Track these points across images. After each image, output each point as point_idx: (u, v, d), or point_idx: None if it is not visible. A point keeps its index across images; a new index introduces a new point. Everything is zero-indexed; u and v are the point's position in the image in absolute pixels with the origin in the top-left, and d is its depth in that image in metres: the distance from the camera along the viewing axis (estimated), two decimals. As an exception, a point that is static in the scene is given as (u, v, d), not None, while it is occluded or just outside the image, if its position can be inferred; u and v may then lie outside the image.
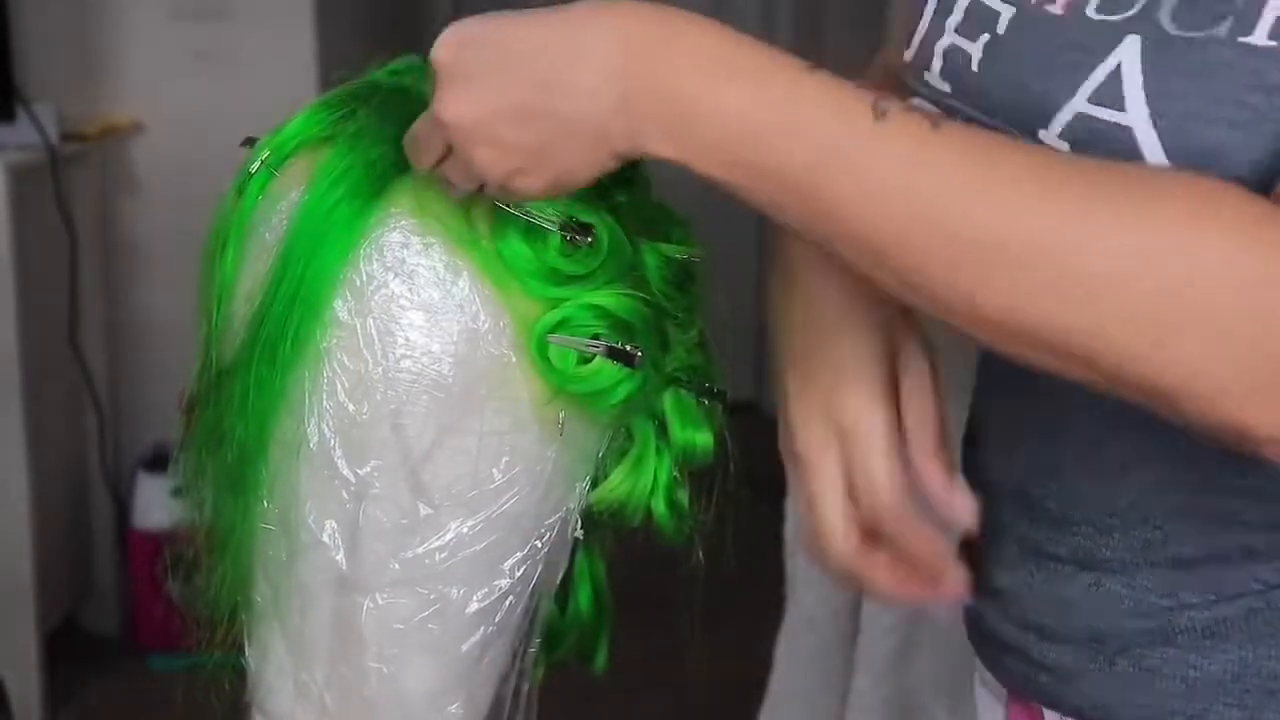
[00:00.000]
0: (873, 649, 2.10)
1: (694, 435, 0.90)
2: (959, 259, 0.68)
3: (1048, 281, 0.67)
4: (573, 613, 0.98)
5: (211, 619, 0.92)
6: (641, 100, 0.72)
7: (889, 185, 0.69)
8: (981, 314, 0.69)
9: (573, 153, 0.76)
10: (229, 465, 0.88)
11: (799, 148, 0.70)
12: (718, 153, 0.72)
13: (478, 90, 0.76)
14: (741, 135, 0.71)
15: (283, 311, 0.85)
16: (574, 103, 0.74)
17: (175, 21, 3.20)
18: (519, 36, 0.76)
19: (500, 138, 0.76)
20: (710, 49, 0.72)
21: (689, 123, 0.72)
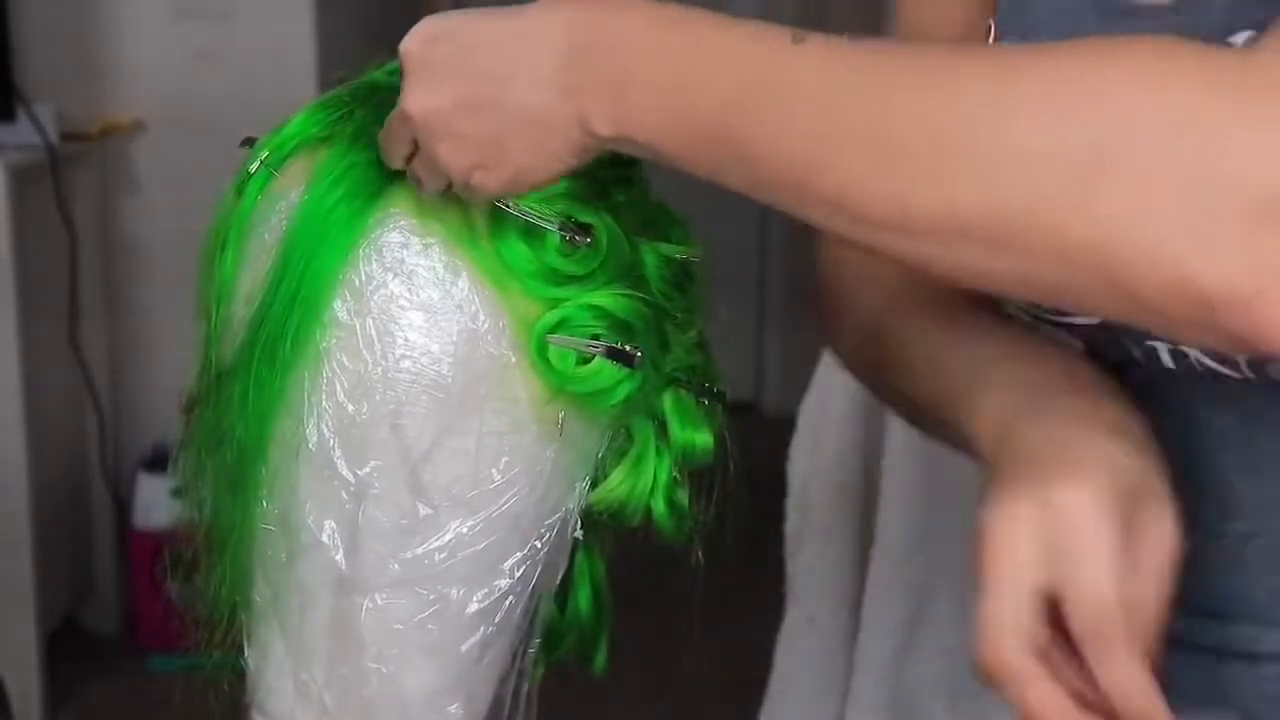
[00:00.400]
0: (873, 649, 2.10)
1: (694, 435, 0.90)
2: (879, 164, 0.66)
3: (964, 164, 0.64)
4: (572, 613, 0.98)
5: (211, 619, 0.92)
6: (584, 81, 0.74)
7: (804, 105, 0.68)
8: (915, 219, 0.66)
9: (526, 146, 0.77)
10: (228, 466, 0.88)
11: (720, 89, 0.70)
12: (650, 116, 0.72)
13: (438, 82, 0.78)
14: (668, 92, 0.72)
15: (282, 312, 0.85)
16: (524, 94, 0.75)
17: (175, 21, 3.20)
18: (478, 30, 0.77)
19: (457, 130, 0.78)
20: (643, 20, 0.74)
21: (623, 89, 0.73)
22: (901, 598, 2.08)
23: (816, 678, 2.18)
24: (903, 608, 2.08)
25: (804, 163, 0.69)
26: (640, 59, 0.73)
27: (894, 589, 2.08)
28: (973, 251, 0.65)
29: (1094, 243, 0.61)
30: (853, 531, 2.16)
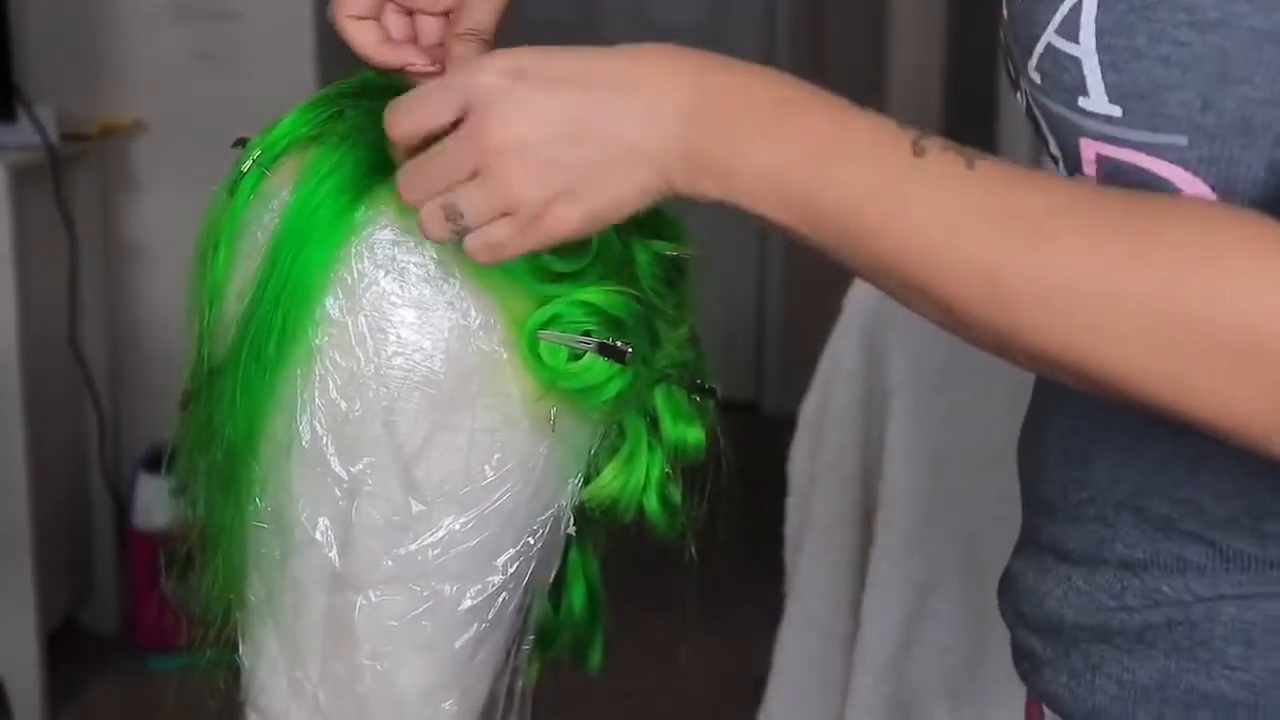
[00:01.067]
0: (873, 649, 2.10)
1: (685, 431, 0.90)
2: (993, 298, 0.69)
3: (1080, 320, 0.68)
4: (566, 610, 0.98)
5: (206, 618, 0.92)
6: (700, 140, 0.74)
7: (923, 226, 0.71)
8: (1016, 348, 0.71)
9: (620, 185, 0.76)
10: (221, 464, 0.88)
11: (841, 188, 0.72)
12: (764, 191, 0.73)
13: (531, 112, 0.76)
14: (788, 177, 0.73)
15: (269, 309, 0.85)
16: (636, 128, 0.75)
17: (176, 21, 3.20)
18: (575, 66, 0.76)
19: (550, 157, 0.76)
20: (769, 95, 0.74)
21: (742, 166, 0.74)
22: (901, 598, 2.08)
23: (816, 678, 2.18)
24: (903, 608, 2.09)
25: (917, 279, 0.72)
26: (760, 142, 0.73)
27: (894, 589, 2.08)
28: (1078, 381, 0.71)
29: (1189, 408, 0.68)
30: (853, 531, 2.16)
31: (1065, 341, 0.69)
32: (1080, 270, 0.68)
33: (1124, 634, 0.82)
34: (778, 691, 2.19)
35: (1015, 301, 0.69)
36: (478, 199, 0.77)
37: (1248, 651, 0.79)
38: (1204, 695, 0.80)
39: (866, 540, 2.13)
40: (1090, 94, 0.74)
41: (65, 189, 2.94)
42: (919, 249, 0.71)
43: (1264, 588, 0.78)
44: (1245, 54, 0.70)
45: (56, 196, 2.92)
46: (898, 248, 0.71)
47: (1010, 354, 0.72)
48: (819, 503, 2.16)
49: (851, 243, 0.73)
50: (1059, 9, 0.75)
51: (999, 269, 0.69)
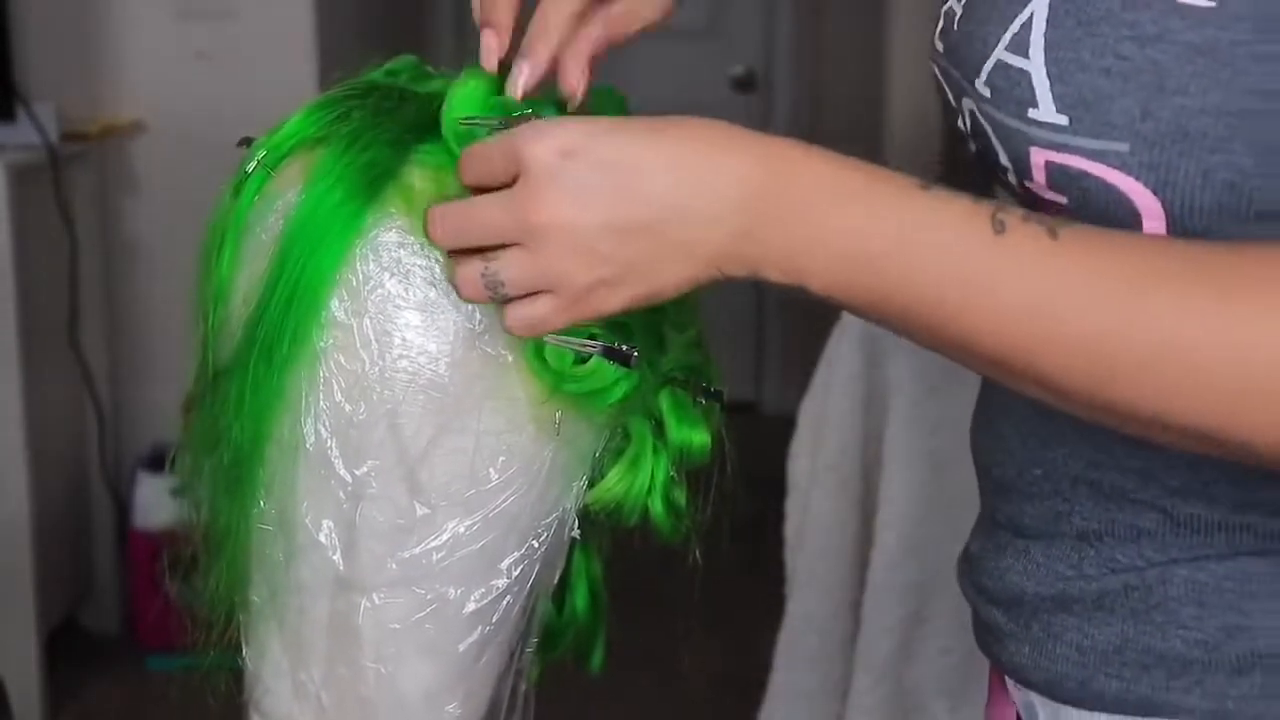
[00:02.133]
0: (873, 649, 2.10)
1: (691, 435, 0.90)
2: (1091, 372, 0.70)
3: (1178, 384, 0.69)
4: (569, 612, 0.98)
5: (209, 619, 0.92)
6: (762, 231, 0.74)
7: (1013, 306, 0.71)
8: (1121, 416, 0.72)
9: (673, 276, 0.76)
10: (226, 466, 0.88)
11: (918, 273, 0.72)
12: (837, 279, 0.74)
13: (582, 200, 0.75)
14: (859, 263, 0.73)
15: (280, 313, 0.85)
16: (692, 230, 0.74)
17: (176, 21, 3.20)
18: (630, 152, 0.75)
19: (597, 249, 0.75)
20: (827, 178, 0.74)
21: (809, 253, 0.73)
22: (901, 598, 2.08)
23: (816, 678, 2.18)
24: (902, 608, 2.09)
25: (1008, 361, 0.72)
26: (822, 229, 0.73)
27: (894, 589, 2.08)
28: (1185, 443, 0.72)
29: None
30: (853, 531, 2.16)
31: (1182, 411, 0.69)
32: (1191, 344, 0.68)
33: (1082, 601, 0.85)
34: (778, 691, 2.20)
35: (1118, 377, 0.70)
36: (520, 271, 0.77)
37: (1200, 611, 0.81)
38: (1160, 655, 0.82)
39: (866, 540, 2.14)
40: (1040, 105, 0.77)
41: (65, 189, 2.94)
42: (1008, 335, 0.71)
43: (1213, 549, 0.81)
44: (1180, 66, 0.73)
45: (56, 196, 2.92)
46: (985, 335, 0.72)
47: (1112, 423, 0.73)
48: (819, 503, 2.17)
49: (936, 334, 0.73)
50: (1010, 27, 0.79)
51: (1097, 347, 0.70)
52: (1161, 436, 0.72)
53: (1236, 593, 0.81)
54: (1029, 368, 0.72)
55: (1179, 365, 0.69)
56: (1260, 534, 0.80)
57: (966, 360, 0.75)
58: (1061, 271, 0.71)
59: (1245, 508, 0.80)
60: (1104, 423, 0.73)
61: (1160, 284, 0.70)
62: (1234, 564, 0.81)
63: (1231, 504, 0.80)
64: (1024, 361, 0.72)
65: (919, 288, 0.72)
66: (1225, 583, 0.81)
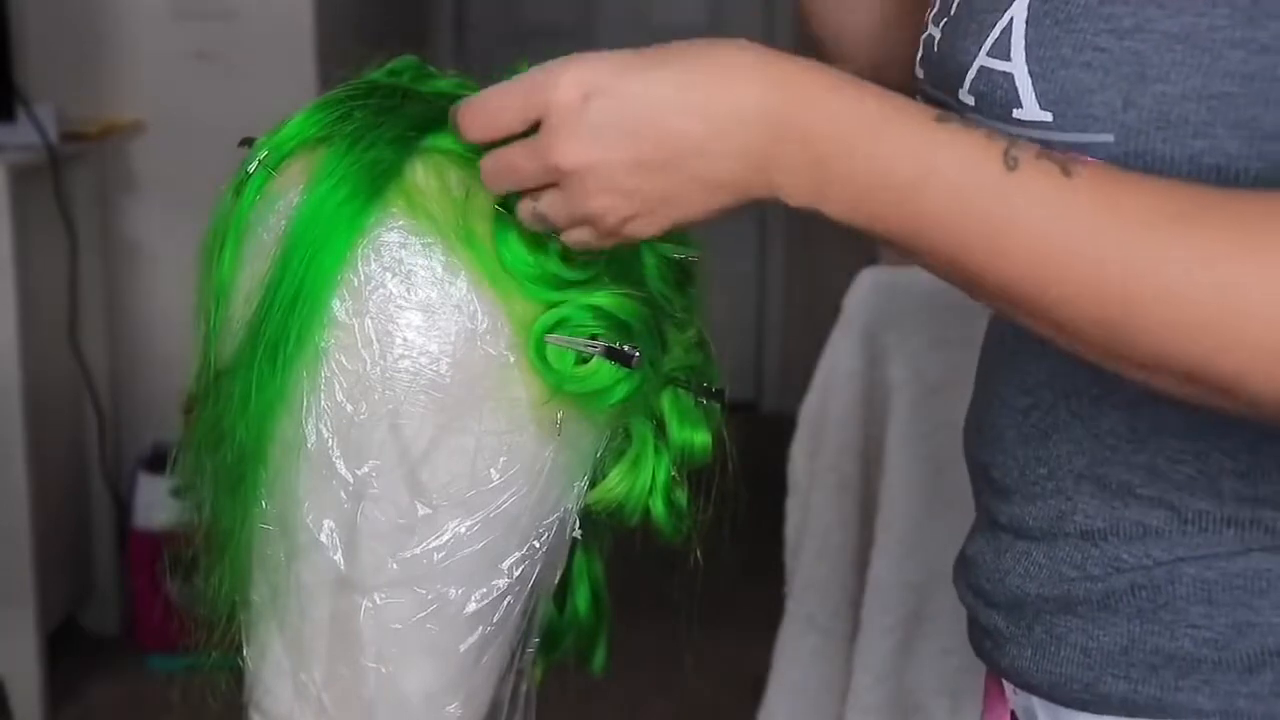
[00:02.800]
0: (873, 649, 2.10)
1: (692, 435, 0.90)
2: (1104, 309, 0.70)
3: (1187, 322, 0.68)
4: (571, 613, 0.98)
5: (210, 619, 0.92)
6: (782, 157, 0.74)
7: (1023, 238, 0.71)
8: (1133, 357, 0.71)
9: (697, 204, 0.77)
10: (228, 465, 0.88)
11: (933, 202, 0.72)
12: (856, 206, 0.74)
13: (605, 139, 0.76)
14: (877, 190, 0.73)
15: (284, 313, 0.85)
16: (713, 162, 0.75)
17: (176, 21, 3.20)
18: (651, 88, 0.76)
19: (624, 186, 0.77)
20: (846, 112, 0.74)
21: (826, 180, 0.74)
22: (901, 598, 2.09)
23: (816, 678, 2.18)
24: (902, 608, 2.09)
25: (1020, 296, 0.72)
26: (845, 157, 0.74)
27: (894, 589, 2.08)
28: (1191, 390, 0.71)
29: None
30: (853, 531, 2.16)
31: (1191, 352, 0.69)
32: (1205, 285, 0.68)
33: (1087, 603, 0.85)
34: (778, 691, 2.20)
35: (1132, 315, 0.69)
36: (559, 211, 0.79)
37: (1210, 609, 0.81)
38: (1169, 655, 0.82)
39: (866, 540, 2.14)
40: (1024, 104, 0.77)
41: (65, 189, 2.94)
42: (1020, 269, 0.71)
43: (1221, 547, 0.81)
44: (1159, 55, 0.74)
45: (56, 196, 2.92)
46: (999, 269, 0.72)
47: (1122, 367, 0.72)
48: (819, 503, 2.17)
49: (950, 264, 0.73)
50: (990, 34, 0.80)
51: (1110, 285, 0.69)
52: (1170, 383, 0.71)
53: (1247, 590, 0.80)
54: (1041, 305, 0.72)
55: (1192, 305, 0.68)
56: (1270, 529, 0.80)
57: (980, 294, 0.74)
58: (1074, 208, 0.70)
59: (1254, 503, 0.80)
60: (1112, 366, 0.73)
61: (1174, 223, 0.69)
62: (1244, 560, 0.80)
63: (1240, 499, 0.80)
64: (1036, 298, 0.72)
65: (931, 222, 0.73)
66: (1235, 580, 0.81)
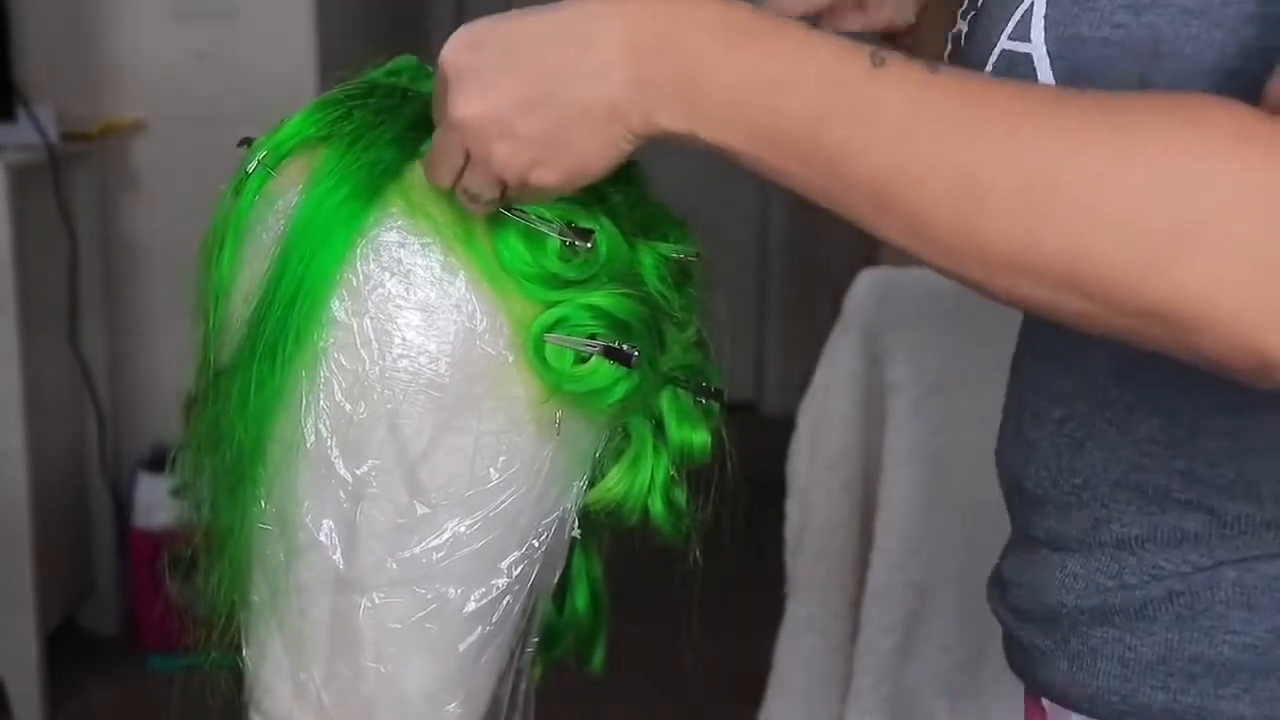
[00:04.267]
0: (873, 649, 2.10)
1: (691, 434, 0.90)
2: (962, 199, 0.68)
3: (1054, 213, 0.66)
4: (570, 612, 0.98)
5: (209, 619, 0.92)
6: (652, 73, 0.73)
7: (890, 131, 0.69)
8: (988, 254, 0.69)
9: (586, 137, 0.76)
10: (227, 465, 0.88)
11: (800, 102, 0.71)
12: (725, 117, 0.72)
13: (487, 85, 0.77)
14: (745, 96, 0.72)
15: (283, 312, 0.85)
16: (584, 85, 0.74)
17: (176, 21, 3.20)
18: (525, 29, 0.76)
19: (514, 129, 0.77)
20: (714, 18, 0.73)
21: (697, 89, 0.73)
22: (901, 598, 2.08)
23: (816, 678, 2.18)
24: (902, 608, 2.09)
25: (882, 191, 0.70)
26: (712, 65, 0.72)
27: (894, 589, 2.08)
28: (1046, 292, 0.68)
29: (1171, 305, 0.66)
30: (853, 531, 2.16)
31: (1047, 243, 0.67)
32: (1065, 169, 0.66)
33: (1124, 613, 0.83)
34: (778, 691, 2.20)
35: (989, 206, 0.67)
36: (478, 179, 0.80)
37: (1249, 615, 0.80)
38: (1208, 663, 0.81)
39: (866, 541, 2.13)
40: (1039, 82, 0.77)
41: (65, 189, 2.94)
42: (883, 160, 0.69)
43: (1261, 549, 0.80)
44: (1175, 30, 0.74)
45: (56, 196, 2.92)
46: (863, 163, 0.70)
47: (976, 269, 0.70)
48: (819, 503, 2.17)
49: (817, 166, 0.71)
50: (1012, 17, 0.80)
51: (970, 172, 0.68)
52: (1021, 284, 0.69)
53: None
54: (899, 198, 0.69)
55: (1044, 197, 0.66)
56: None
57: (849, 198, 0.72)
58: (935, 101, 0.69)
59: None
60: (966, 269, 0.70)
61: (1032, 117, 0.68)
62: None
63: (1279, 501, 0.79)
64: (895, 191, 0.69)
65: (801, 121, 0.71)
66: (1275, 583, 0.79)
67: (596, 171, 0.78)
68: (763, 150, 0.72)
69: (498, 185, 0.80)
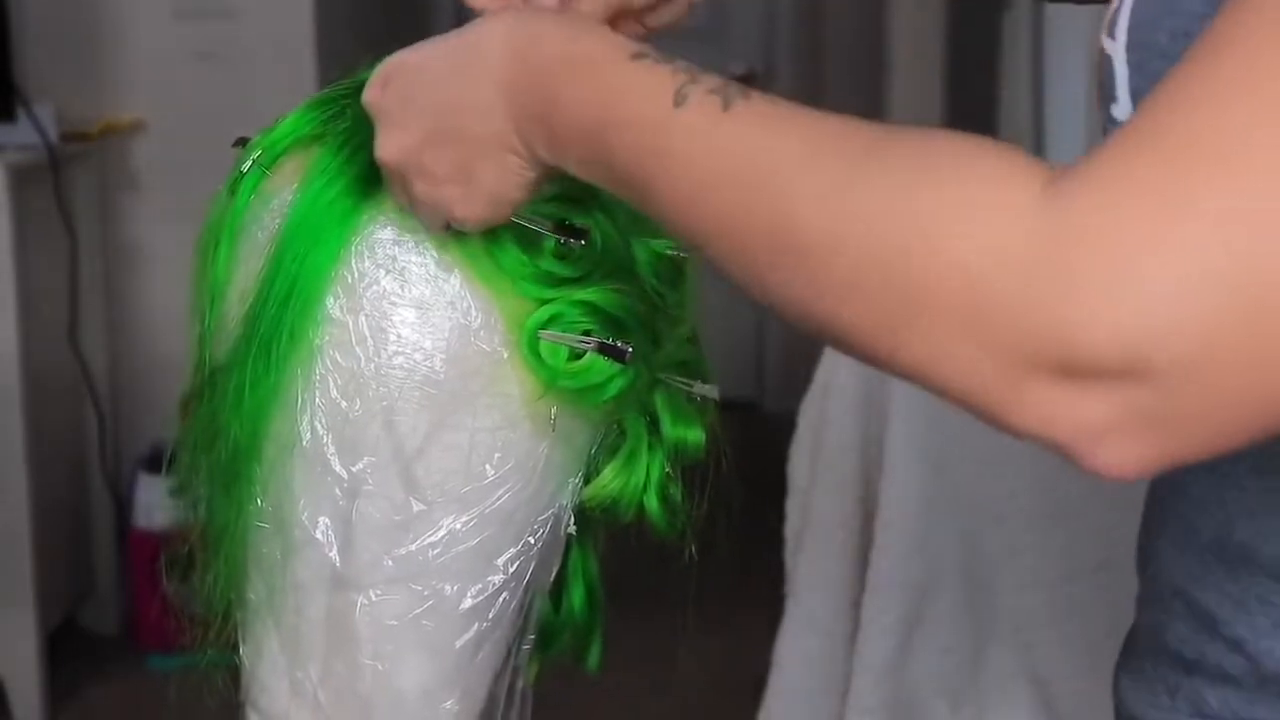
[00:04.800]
0: (873, 649, 2.10)
1: (685, 431, 0.90)
2: (735, 245, 0.64)
3: (800, 273, 0.62)
4: (566, 610, 0.98)
5: (207, 618, 0.92)
6: (524, 109, 0.73)
7: (680, 175, 0.66)
8: (775, 306, 0.65)
9: (492, 170, 0.76)
10: (223, 463, 0.88)
11: (619, 141, 0.69)
12: (577, 152, 0.72)
13: (402, 124, 0.78)
14: (581, 135, 0.71)
15: (277, 310, 0.85)
16: (477, 121, 0.75)
17: (176, 21, 3.20)
18: (429, 64, 0.77)
19: (426, 168, 0.78)
20: (558, 51, 0.72)
21: (553, 125, 0.72)
22: (901, 598, 2.08)
23: (816, 678, 2.18)
24: (902, 608, 2.08)
25: (687, 230, 0.67)
26: (559, 105, 0.72)
27: (894, 589, 2.08)
28: (839, 346, 0.64)
29: (919, 376, 0.60)
30: (853, 531, 2.16)
31: (804, 301, 0.62)
32: (807, 231, 0.61)
33: None
34: (778, 691, 2.19)
35: (755, 259, 0.63)
36: (419, 207, 0.81)
37: None
38: None
39: (866, 540, 2.13)
40: (1118, 99, 0.70)
41: (65, 189, 2.94)
42: (679, 206, 0.66)
43: None
44: None
45: (56, 196, 2.92)
46: (668, 206, 0.67)
47: (775, 312, 0.65)
48: (819, 503, 2.16)
49: (646, 206, 0.69)
50: (1110, 7, 0.72)
51: (734, 224, 0.64)
52: (819, 336, 0.64)
53: None
54: (699, 242, 0.66)
55: (791, 257, 0.61)
56: None
57: (676, 234, 0.69)
58: (717, 148, 0.65)
59: None
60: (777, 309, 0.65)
61: (790, 167, 0.63)
62: None
63: None
64: (695, 236, 0.66)
65: (622, 161, 0.69)
66: None
67: (516, 201, 0.78)
68: (613, 186, 0.71)
69: (438, 215, 0.81)
